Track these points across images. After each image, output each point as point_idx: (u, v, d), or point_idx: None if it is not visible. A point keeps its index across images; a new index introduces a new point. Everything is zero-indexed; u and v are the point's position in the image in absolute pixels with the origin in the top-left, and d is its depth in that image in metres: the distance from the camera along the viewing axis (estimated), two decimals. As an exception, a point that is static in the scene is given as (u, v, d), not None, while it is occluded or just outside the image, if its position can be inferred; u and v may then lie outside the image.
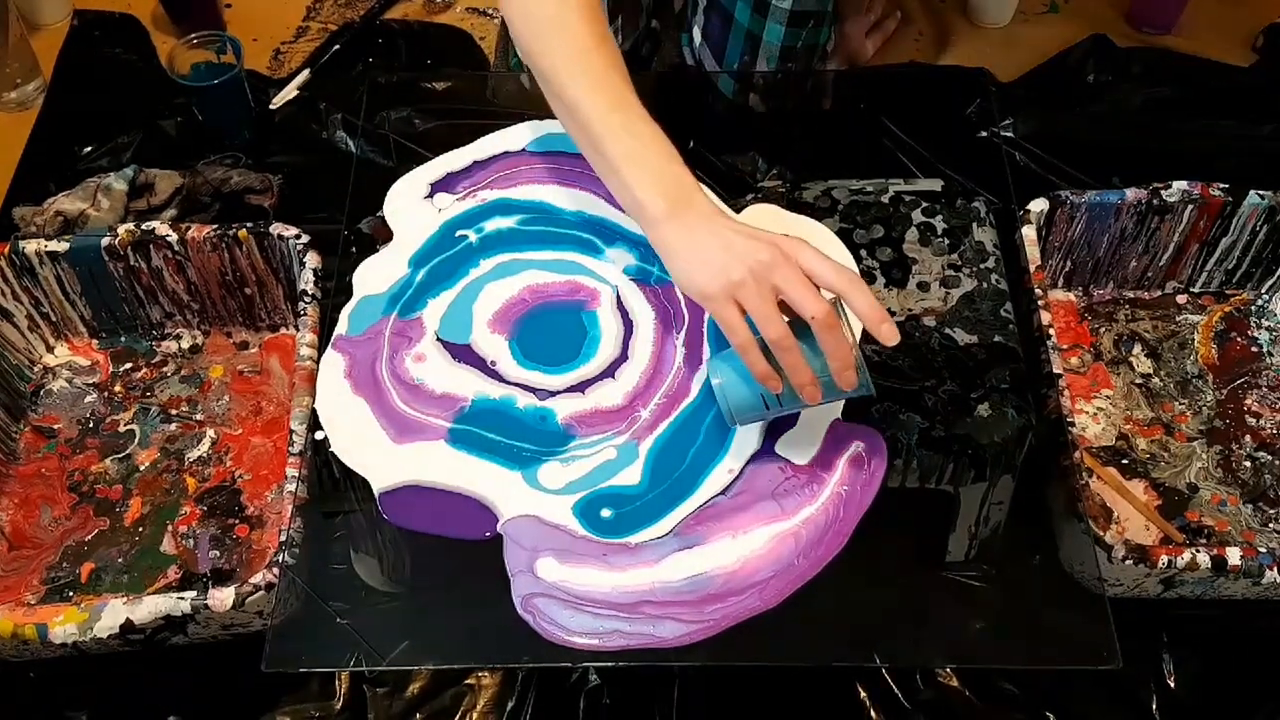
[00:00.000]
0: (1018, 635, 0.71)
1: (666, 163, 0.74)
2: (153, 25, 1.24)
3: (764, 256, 0.68)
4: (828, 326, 0.67)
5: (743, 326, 0.69)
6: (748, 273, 0.68)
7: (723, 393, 0.72)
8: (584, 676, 0.76)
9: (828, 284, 0.68)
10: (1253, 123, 1.10)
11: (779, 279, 0.68)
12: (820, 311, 0.67)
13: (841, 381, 0.69)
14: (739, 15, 1.03)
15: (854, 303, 0.68)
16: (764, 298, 0.68)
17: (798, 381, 0.69)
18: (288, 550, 0.72)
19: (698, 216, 0.72)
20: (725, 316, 0.69)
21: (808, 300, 0.67)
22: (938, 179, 0.92)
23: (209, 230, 0.88)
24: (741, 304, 0.69)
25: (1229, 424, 0.88)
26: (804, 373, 0.68)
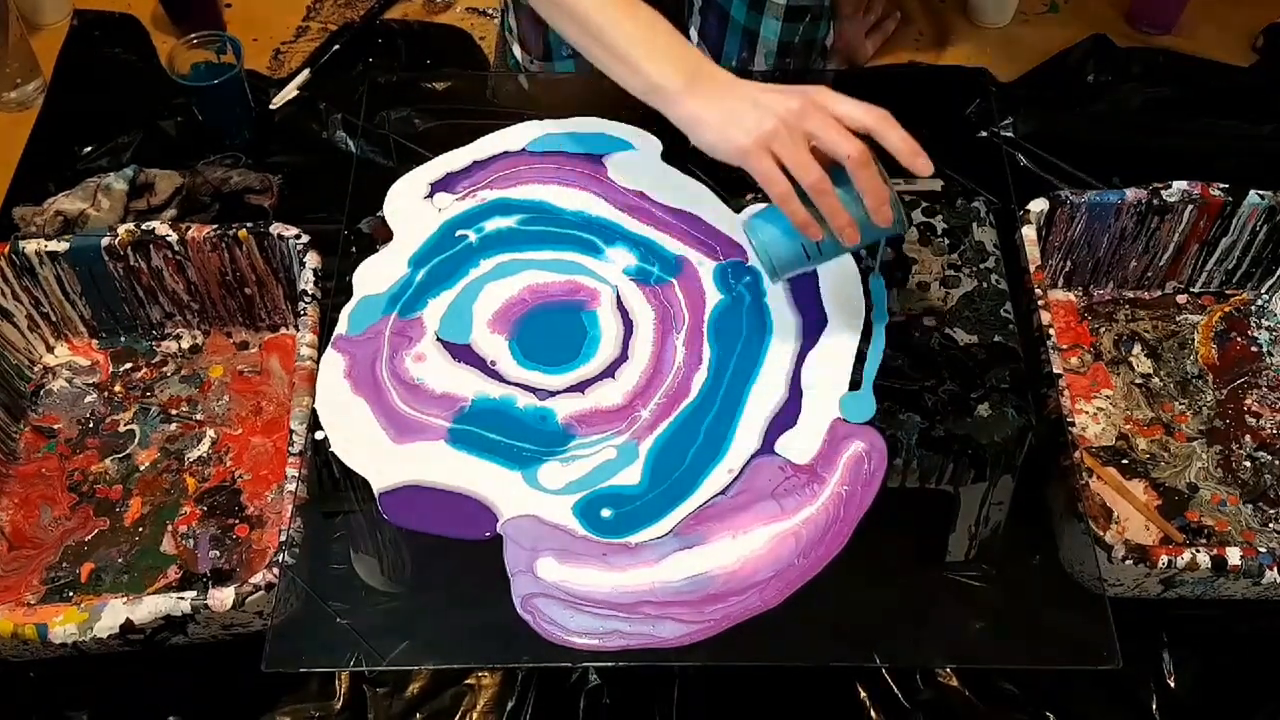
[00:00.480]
0: (1018, 635, 0.71)
1: (673, 40, 0.76)
2: (153, 25, 1.24)
3: (794, 105, 0.70)
4: (863, 164, 0.69)
5: (780, 177, 0.71)
6: (779, 122, 0.70)
7: (765, 249, 0.75)
8: (584, 676, 0.76)
9: (859, 124, 0.70)
10: (1253, 123, 1.10)
11: (811, 125, 0.70)
12: (855, 150, 0.69)
13: (879, 219, 0.71)
14: (735, 12, 1.03)
15: (887, 138, 0.70)
16: (798, 145, 0.70)
17: (837, 225, 0.71)
18: (288, 550, 0.72)
19: (717, 84, 0.74)
20: (762, 169, 0.71)
21: (841, 141, 0.69)
22: (937, 179, 0.92)
23: (209, 230, 0.88)
24: (776, 154, 0.71)
25: (1229, 424, 0.88)
26: (842, 215, 0.71)
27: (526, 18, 1.05)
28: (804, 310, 0.84)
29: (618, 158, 0.93)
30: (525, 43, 1.07)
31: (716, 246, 0.88)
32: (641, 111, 0.90)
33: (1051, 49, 1.19)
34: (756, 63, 1.06)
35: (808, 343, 0.82)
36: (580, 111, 0.96)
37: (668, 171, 0.92)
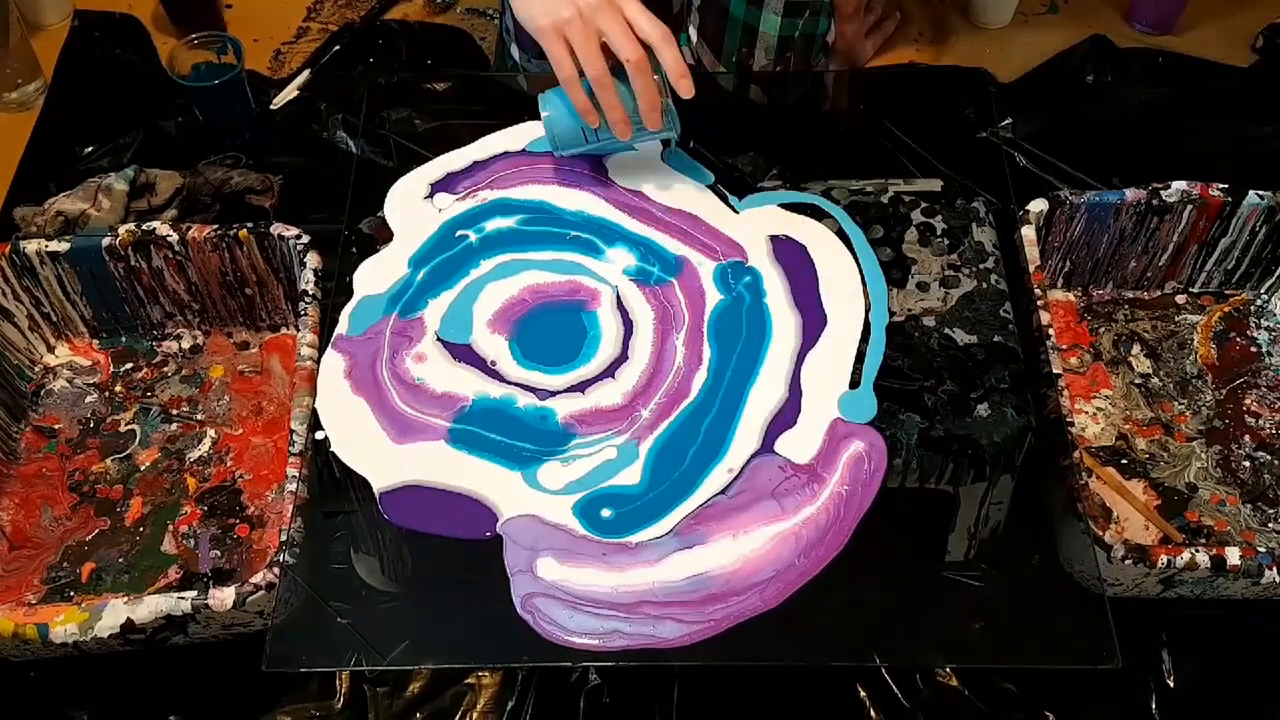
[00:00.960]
0: (1017, 635, 0.71)
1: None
2: (153, 25, 1.24)
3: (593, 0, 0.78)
4: (640, 69, 0.79)
5: (568, 61, 0.80)
6: (576, 13, 0.79)
7: (549, 123, 0.85)
8: (584, 676, 0.76)
9: (644, 33, 0.79)
10: (1252, 123, 1.10)
11: (602, 21, 0.78)
12: (635, 54, 0.78)
13: (648, 122, 0.82)
14: (734, 8, 1.03)
15: (662, 54, 0.79)
16: (588, 37, 0.79)
17: (612, 118, 0.81)
18: (288, 550, 0.72)
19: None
20: (553, 51, 0.80)
21: (625, 43, 0.78)
22: (937, 179, 0.92)
23: (209, 230, 0.88)
24: (568, 40, 0.79)
25: (1228, 424, 0.88)
26: (617, 110, 0.81)
27: None
28: (804, 310, 0.84)
29: (618, 158, 0.93)
30: (525, 43, 1.07)
31: (716, 246, 0.88)
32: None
33: (1051, 49, 1.19)
34: (756, 58, 1.06)
35: (808, 343, 0.82)
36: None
37: (668, 171, 0.92)
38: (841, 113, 1.05)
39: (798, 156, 0.94)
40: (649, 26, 0.79)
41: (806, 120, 1.05)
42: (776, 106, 1.06)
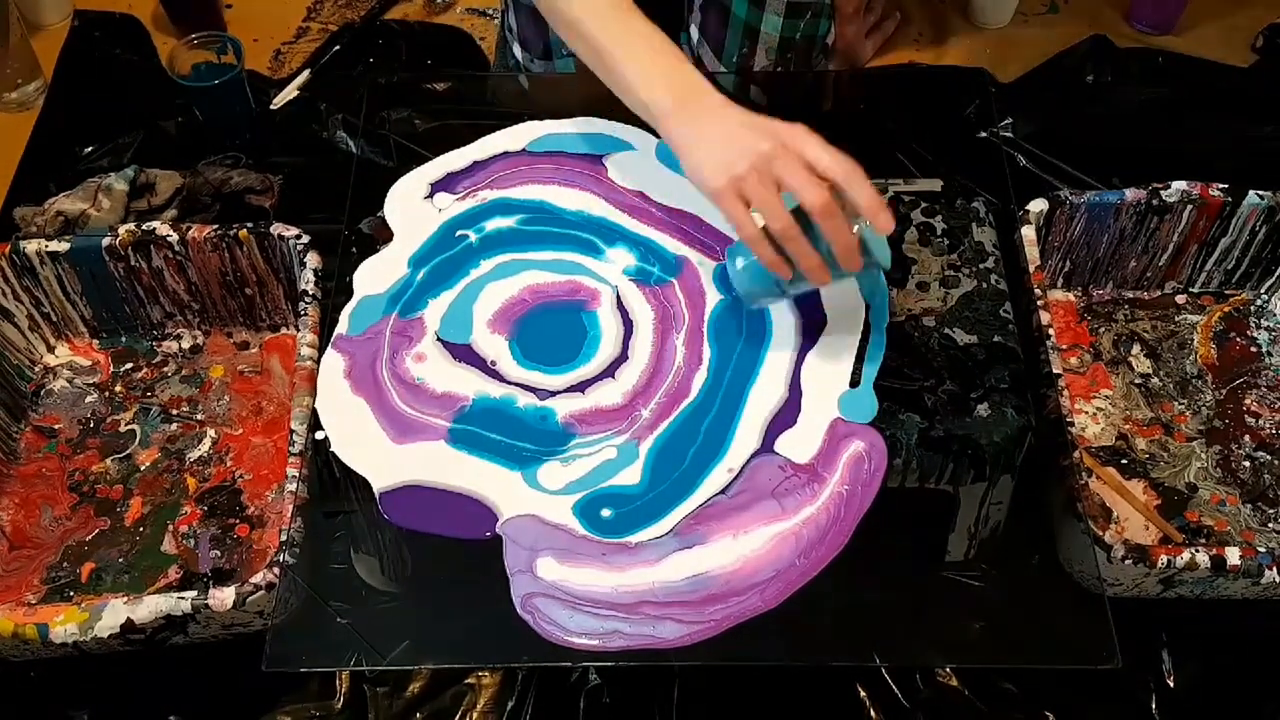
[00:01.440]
0: (1017, 635, 0.71)
1: (670, 59, 0.77)
2: (153, 26, 1.24)
3: (765, 148, 0.71)
4: (827, 214, 0.70)
5: (749, 219, 0.72)
6: (750, 166, 0.71)
7: (739, 282, 0.78)
8: (584, 676, 0.76)
9: (827, 172, 0.70)
10: (1252, 123, 1.10)
11: (779, 169, 0.71)
12: (819, 201, 0.69)
13: (847, 266, 0.72)
14: (736, 8, 1.03)
15: (853, 192, 0.70)
16: (767, 188, 0.71)
17: (805, 266, 0.72)
18: (288, 550, 0.72)
19: (704, 110, 0.75)
20: (731, 211, 0.73)
21: (806, 189, 0.70)
22: (937, 179, 0.92)
23: (209, 230, 0.88)
24: (746, 197, 0.72)
25: (1228, 424, 0.88)
26: (811, 258, 0.72)
27: (527, 17, 1.05)
28: (804, 310, 0.84)
29: (618, 158, 0.93)
30: (526, 42, 1.07)
31: (716, 246, 0.88)
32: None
33: (1051, 49, 1.19)
34: (757, 59, 1.06)
35: (807, 342, 0.82)
36: (580, 111, 0.96)
37: (668, 171, 0.92)
38: (841, 113, 1.05)
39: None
40: (832, 164, 0.70)
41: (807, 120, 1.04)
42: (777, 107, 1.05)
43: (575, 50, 0.83)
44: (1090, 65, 1.16)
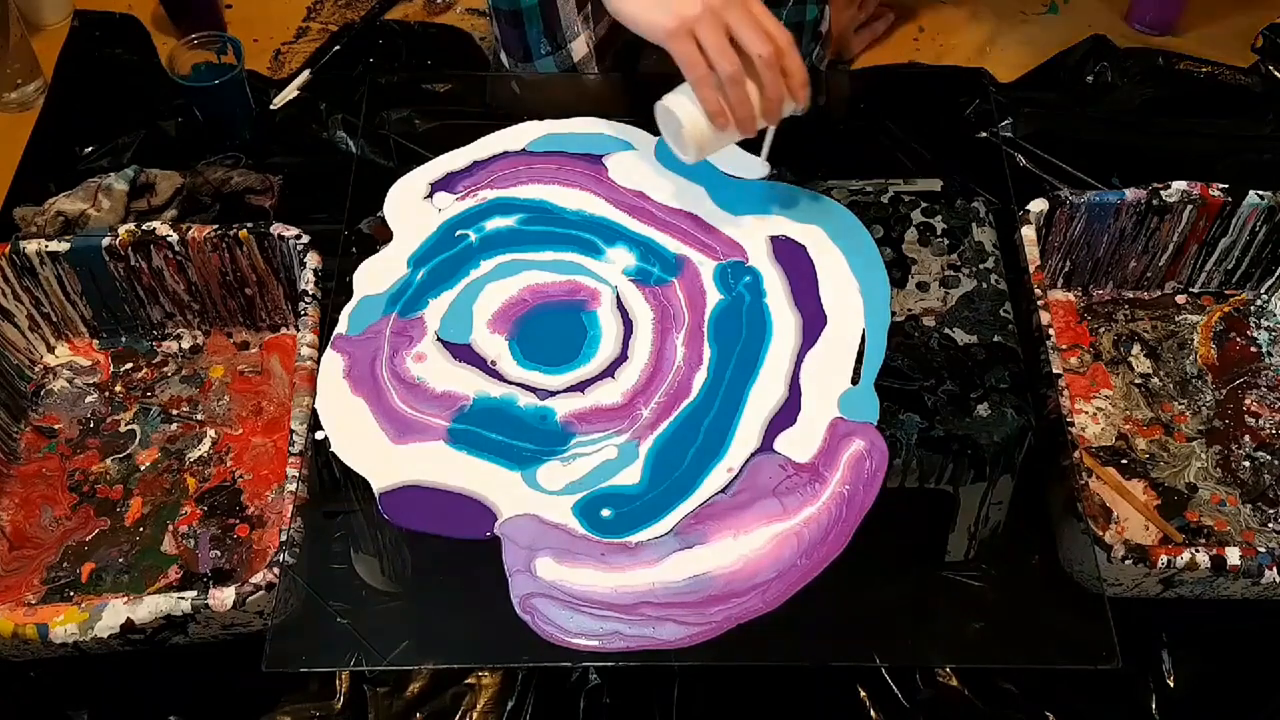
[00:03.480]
0: (1017, 635, 0.71)
1: None
2: (153, 26, 1.24)
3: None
4: (770, 65, 0.76)
5: (701, 60, 0.77)
6: (705, 9, 0.76)
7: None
8: (584, 676, 0.76)
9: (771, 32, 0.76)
10: (1252, 123, 1.10)
11: (732, 17, 0.76)
12: (767, 50, 0.75)
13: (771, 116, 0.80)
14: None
15: (789, 59, 0.77)
16: (720, 32, 0.76)
17: (741, 114, 0.78)
18: (288, 550, 0.72)
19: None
20: (683, 50, 0.77)
21: (757, 39, 0.76)
22: (937, 179, 0.92)
23: (209, 230, 0.88)
24: (699, 38, 0.76)
25: (1228, 424, 0.88)
26: (747, 105, 0.78)
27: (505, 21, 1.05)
28: (804, 310, 0.84)
29: (618, 158, 0.93)
30: (508, 48, 1.07)
31: (716, 246, 0.88)
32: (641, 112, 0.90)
33: (1051, 49, 1.19)
34: None
35: (807, 342, 0.82)
36: (580, 111, 0.96)
37: (668, 171, 0.92)
38: (841, 113, 1.05)
39: (798, 157, 0.93)
40: (775, 28, 0.77)
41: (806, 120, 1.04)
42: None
43: None
44: (1090, 65, 1.16)
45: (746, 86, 0.78)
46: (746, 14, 0.76)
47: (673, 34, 0.77)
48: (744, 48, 0.76)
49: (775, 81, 0.77)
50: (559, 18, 1.02)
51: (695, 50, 0.77)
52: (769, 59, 0.76)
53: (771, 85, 0.77)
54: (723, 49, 0.76)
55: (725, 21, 0.76)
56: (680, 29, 0.77)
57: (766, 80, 0.77)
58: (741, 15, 0.76)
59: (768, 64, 0.76)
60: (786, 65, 0.77)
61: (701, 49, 0.77)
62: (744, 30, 0.76)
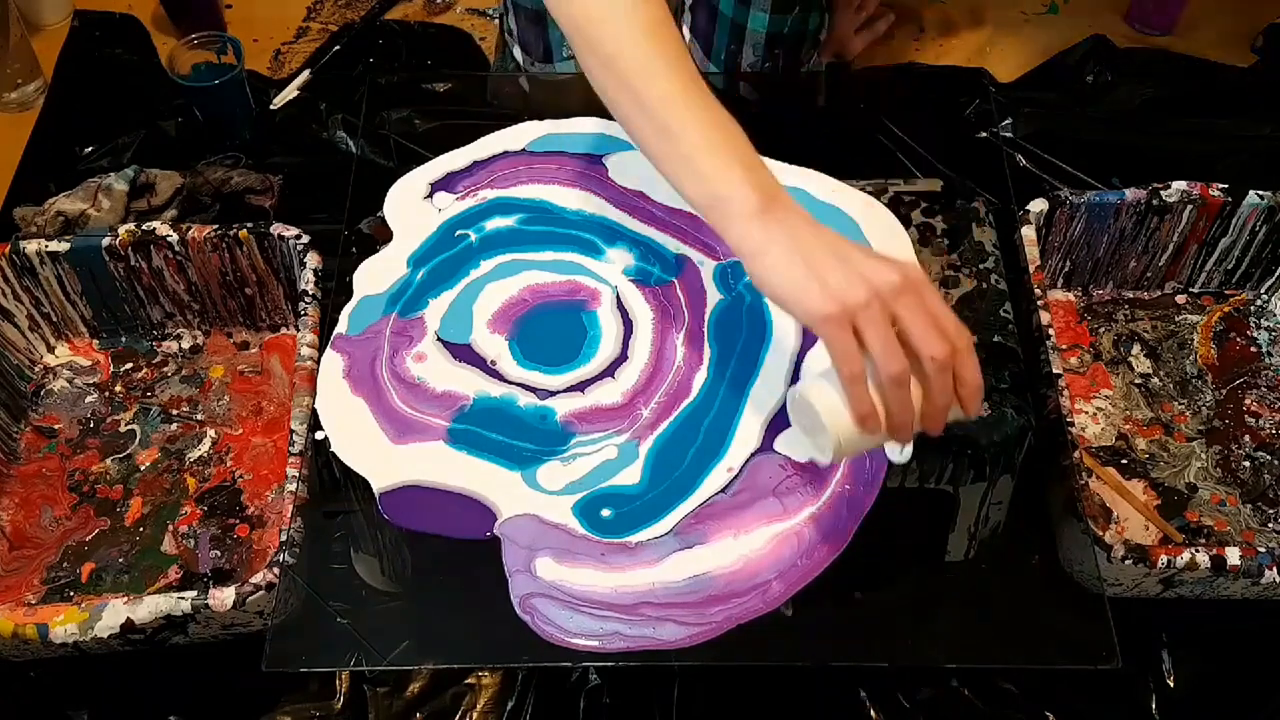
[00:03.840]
0: (1018, 635, 0.71)
1: (751, 154, 0.67)
2: (153, 26, 1.24)
3: (894, 278, 0.61)
4: (944, 368, 0.61)
5: (858, 356, 0.62)
6: (873, 295, 0.61)
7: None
8: (584, 676, 0.76)
9: (947, 331, 0.62)
10: (1253, 123, 1.10)
11: (903, 307, 0.62)
12: (943, 353, 0.61)
13: (934, 427, 0.64)
14: (723, 6, 1.03)
15: (963, 364, 0.62)
16: (886, 324, 0.61)
17: (899, 421, 0.63)
18: (288, 550, 0.72)
19: (798, 217, 0.65)
20: (839, 341, 0.62)
21: (930, 338, 0.61)
22: (937, 179, 0.92)
23: (209, 230, 0.88)
24: (860, 330, 0.62)
25: (1228, 424, 0.88)
26: (908, 412, 0.63)
27: (526, 20, 1.05)
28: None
29: (618, 158, 0.93)
30: (526, 45, 1.07)
31: (716, 246, 0.88)
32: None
33: (1051, 49, 1.19)
34: (744, 55, 1.05)
35: (808, 342, 0.82)
36: (580, 111, 0.96)
37: (668, 172, 0.92)
38: (841, 113, 1.05)
39: (798, 157, 0.94)
40: (953, 325, 0.62)
41: (806, 120, 1.05)
42: (776, 107, 1.06)
43: (625, 117, 0.71)
44: (1090, 65, 1.16)
45: (910, 390, 0.63)
46: (921, 306, 0.62)
47: (830, 320, 0.62)
48: (913, 346, 0.61)
49: (946, 388, 0.62)
50: None
51: (853, 342, 0.62)
52: (943, 362, 0.61)
53: (941, 392, 0.62)
54: (889, 346, 0.61)
55: (894, 311, 0.61)
56: (839, 316, 0.61)
57: (936, 386, 0.62)
58: (915, 306, 0.62)
59: (941, 367, 0.61)
60: (960, 371, 0.62)
61: (861, 340, 0.62)
62: (917, 325, 0.61)
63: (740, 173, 0.65)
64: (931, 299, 0.63)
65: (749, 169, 0.66)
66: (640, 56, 0.68)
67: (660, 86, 0.67)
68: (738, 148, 0.67)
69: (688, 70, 0.68)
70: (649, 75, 0.68)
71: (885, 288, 0.61)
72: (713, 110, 0.68)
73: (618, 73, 0.69)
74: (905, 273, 0.62)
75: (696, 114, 0.67)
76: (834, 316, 0.62)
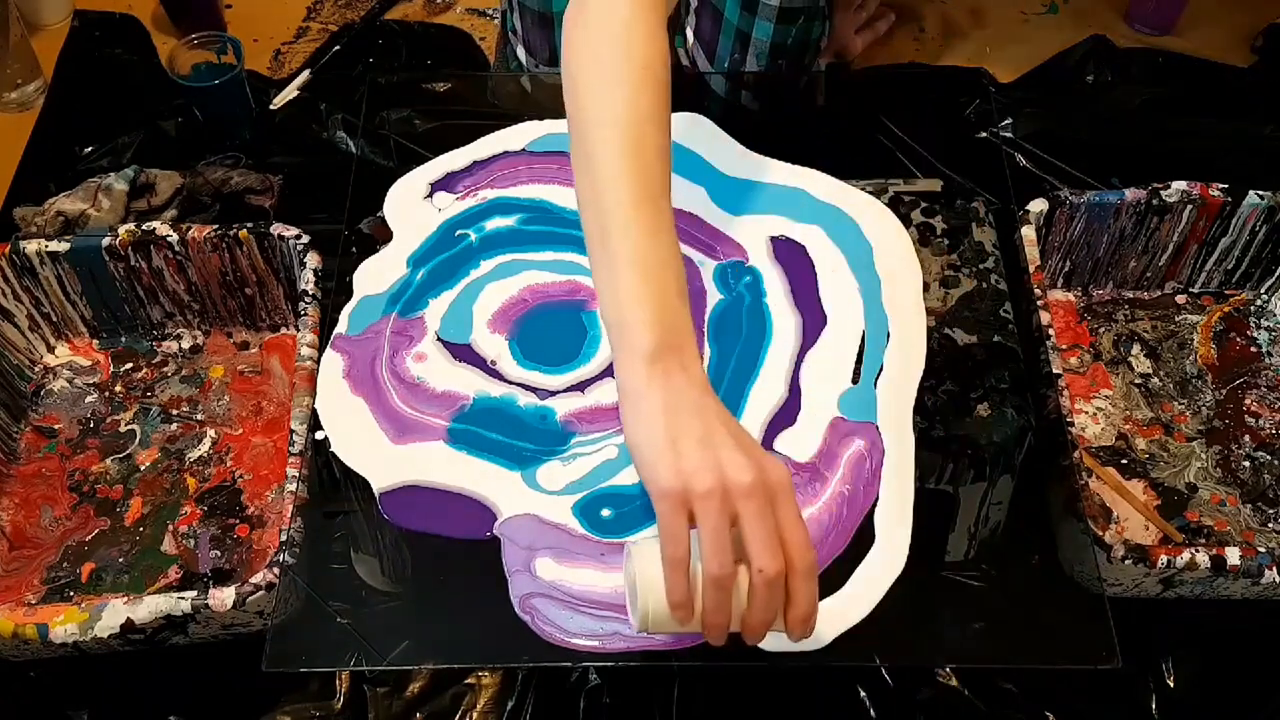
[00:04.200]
0: (1017, 635, 0.71)
1: (677, 294, 0.64)
2: (153, 26, 1.24)
3: (746, 478, 0.58)
4: (771, 584, 0.57)
5: (684, 541, 0.58)
6: (719, 486, 0.57)
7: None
8: (584, 676, 0.76)
9: (791, 548, 0.58)
10: (1252, 123, 1.10)
11: (746, 509, 0.57)
12: (774, 569, 0.57)
13: (753, 638, 0.61)
14: (729, 13, 1.03)
15: (796, 588, 0.58)
16: (723, 520, 0.57)
17: (713, 621, 0.59)
18: (288, 550, 0.72)
19: (687, 379, 0.61)
20: (672, 524, 0.58)
21: (766, 549, 0.57)
22: (937, 179, 0.92)
23: (209, 230, 0.88)
24: (696, 516, 0.58)
25: (1228, 424, 0.88)
26: (723, 615, 0.59)
27: (532, 21, 1.05)
28: (804, 310, 0.84)
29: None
30: (531, 48, 1.07)
31: (716, 246, 0.88)
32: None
33: (1051, 49, 1.19)
34: (748, 63, 1.05)
35: (807, 342, 0.82)
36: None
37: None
38: (841, 113, 1.05)
39: (798, 157, 0.94)
40: (798, 541, 0.58)
41: (806, 120, 1.05)
42: (776, 107, 1.06)
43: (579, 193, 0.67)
44: (1090, 65, 1.16)
45: (731, 595, 0.58)
46: (765, 513, 0.58)
47: (666, 496, 0.58)
48: (746, 553, 0.58)
49: (770, 605, 0.58)
50: None
51: (684, 527, 0.58)
52: (770, 578, 0.57)
53: (763, 608, 0.58)
54: (717, 544, 0.57)
55: (737, 510, 0.58)
56: (678, 496, 0.58)
57: (759, 600, 0.58)
58: (759, 513, 0.57)
59: (767, 582, 0.57)
60: (792, 592, 0.58)
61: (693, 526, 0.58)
62: (756, 533, 0.57)
63: (652, 311, 0.62)
64: (785, 509, 0.58)
65: (663, 309, 0.62)
66: (614, 162, 0.65)
67: (621, 195, 0.64)
68: (665, 285, 0.63)
69: (656, 189, 0.65)
70: (616, 183, 0.64)
71: (735, 484, 0.57)
72: (660, 239, 0.64)
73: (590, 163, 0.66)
74: (765, 474, 0.58)
75: (643, 237, 0.63)
76: (672, 494, 0.58)
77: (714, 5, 1.03)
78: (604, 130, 0.66)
